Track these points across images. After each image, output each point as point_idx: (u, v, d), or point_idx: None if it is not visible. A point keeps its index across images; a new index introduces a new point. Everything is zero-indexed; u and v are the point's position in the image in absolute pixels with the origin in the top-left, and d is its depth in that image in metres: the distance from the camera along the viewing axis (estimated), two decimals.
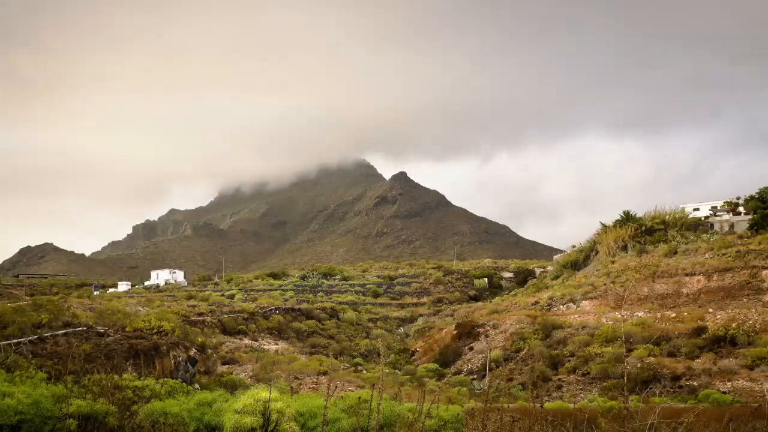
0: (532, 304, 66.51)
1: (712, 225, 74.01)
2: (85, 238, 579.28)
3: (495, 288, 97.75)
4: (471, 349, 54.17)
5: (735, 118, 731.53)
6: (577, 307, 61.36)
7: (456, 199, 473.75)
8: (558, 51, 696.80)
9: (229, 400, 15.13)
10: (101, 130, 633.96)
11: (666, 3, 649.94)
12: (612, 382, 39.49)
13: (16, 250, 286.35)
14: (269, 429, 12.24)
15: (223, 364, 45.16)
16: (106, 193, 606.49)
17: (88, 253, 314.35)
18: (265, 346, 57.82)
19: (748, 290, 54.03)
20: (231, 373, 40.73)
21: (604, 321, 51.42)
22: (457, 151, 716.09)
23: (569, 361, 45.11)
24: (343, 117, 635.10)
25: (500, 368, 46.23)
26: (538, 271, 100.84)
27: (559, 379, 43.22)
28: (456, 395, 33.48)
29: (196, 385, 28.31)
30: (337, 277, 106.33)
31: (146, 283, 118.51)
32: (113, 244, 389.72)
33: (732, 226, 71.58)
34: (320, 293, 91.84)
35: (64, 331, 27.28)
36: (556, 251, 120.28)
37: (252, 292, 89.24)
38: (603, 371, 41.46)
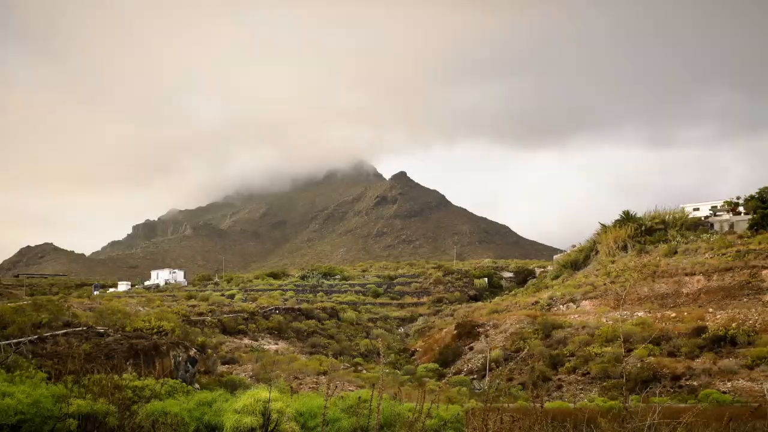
0: (532, 304, 66.46)
1: (712, 225, 74.00)
2: (85, 237, 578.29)
3: (495, 288, 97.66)
4: (471, 348, 54.16)
5: None
6: (577, 306, 61.36)
7: None
8: None
9: (229, 400, 15.12)
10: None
11: None
12: (612, 382, 39.48)
13: (16, 250, 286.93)
14: (269, 429, 12.23)
15: (223, 363, 45.16)
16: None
17: (88, 253, 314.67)
18: (265, 346, 57.81)
19: (748, 290, 53.98)
20: (231, 373, 40.75)
21: (604, 321, 51.41)
22: None
23: (569, 360, 45.10)
24: (343, 115, 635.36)
25: (500, 368, 46.22)
26: (538, 271, 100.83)
27: (559, 379, 43.22)
28: (456, 395, 33.52)
29: (196, 385, 28.31)
30: (337, 277, 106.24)
31: (146, 283, 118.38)
32: (113, 244, 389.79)
33: (732, 225, 71.56)
34: (320, 293, 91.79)
35: (64, 331, 27.27)
36: (556, 251, 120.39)
37: (252, 292, 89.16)
38: (603, 371, 41.45)
